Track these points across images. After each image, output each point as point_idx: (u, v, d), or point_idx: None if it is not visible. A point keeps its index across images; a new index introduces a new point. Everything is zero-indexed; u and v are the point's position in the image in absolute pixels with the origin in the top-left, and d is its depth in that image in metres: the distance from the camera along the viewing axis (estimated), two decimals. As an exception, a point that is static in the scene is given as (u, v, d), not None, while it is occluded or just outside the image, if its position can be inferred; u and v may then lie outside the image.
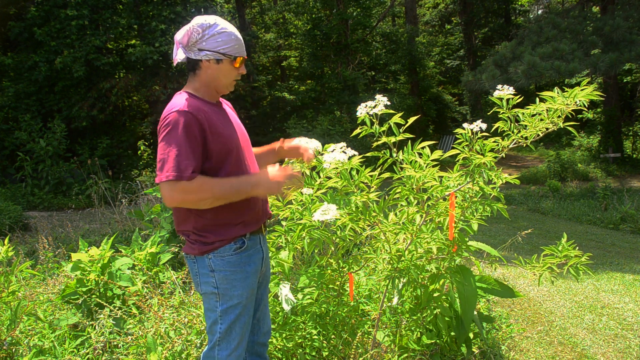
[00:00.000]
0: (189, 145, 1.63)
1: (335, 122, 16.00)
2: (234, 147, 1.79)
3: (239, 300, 1.81)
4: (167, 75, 13.86)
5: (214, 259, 1.79)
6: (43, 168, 11.93)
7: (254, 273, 1.87)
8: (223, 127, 1.78)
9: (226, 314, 1.81)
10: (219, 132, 1.74)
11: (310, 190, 2.37)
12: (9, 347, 2.60)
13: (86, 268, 2.89)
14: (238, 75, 1.84)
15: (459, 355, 2.71)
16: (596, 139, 15.21)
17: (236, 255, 1.80)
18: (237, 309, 1.82)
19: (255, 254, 1.88)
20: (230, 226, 1.79)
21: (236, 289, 1.81)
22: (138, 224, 5.75)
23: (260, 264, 1.90)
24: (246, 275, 1.83)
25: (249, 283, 1.84)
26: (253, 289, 1.87)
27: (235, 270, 1.80)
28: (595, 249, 6.18)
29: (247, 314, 1.86)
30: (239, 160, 1.82)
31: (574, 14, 11.19)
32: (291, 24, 21.63)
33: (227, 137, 1.78)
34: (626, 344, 3.24)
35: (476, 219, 2.40)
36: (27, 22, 13.08)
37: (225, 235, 1.78)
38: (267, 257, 2.02)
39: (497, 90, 2.24)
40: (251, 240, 1.86)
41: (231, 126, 1.85)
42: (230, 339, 1.82)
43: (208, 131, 1.69)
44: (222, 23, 1.77)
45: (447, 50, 25.45)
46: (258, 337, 2.05)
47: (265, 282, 2.05)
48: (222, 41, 1.74)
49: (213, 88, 1.83)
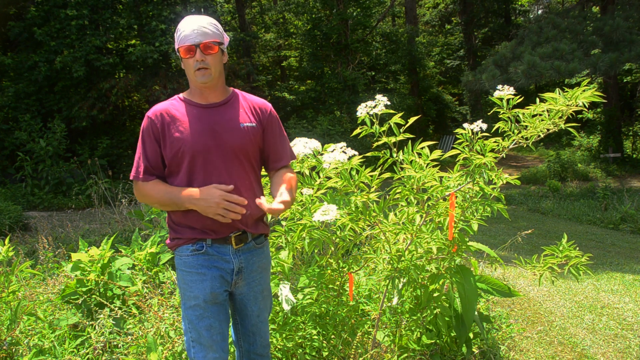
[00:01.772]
0: (145, 148, 1.79)
1: (335, 122, 16.00)
2: (187, 154, 1.73)
3: (196, 302, 1.77)
4: (167, 75, 13.85)
5: (176, 257, 1.84)
6: (43, 168, 11.93)
7: (215, 278, 1.78)
8: (184, 132, 1.74)
9: (188, 314, 1.80)
10: (173, 137, 1.75)
11: (310, 191, 2.37)
12: (9, 347, 2.60)
13: (86, 268, 2.89)
14: (196, 64, 1.74)
15: (459, 355, 2.71)
16: (596, 139, 15.20)
17: (193, 257, 1.78)
18: (196, 310, 1.77)
19: (219, 262, 1.79)
20: (190, 228, 1.79)
21: (192, 290, 1.77)
22: (138, 224, 5.75)
23: (228, 275, 1.81)
24: (203, 279, 1.76)
25: (207, 286, 1.76)
26: (214, 293, 1.77)
27: (190, 272, 1.78)
28: (595, 249, 6.17)
29: (213, 318, 1.77)
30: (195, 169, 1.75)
31: (574, 14, 11.19)
32: (291, 24, 21.62)
33: (183, 143, 1.73)
34: (626, 344, 3.24)
35: (476, 219, 2.40)
36: (27, 22, 13.07)
37: (182, 235, 1.80)
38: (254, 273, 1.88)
39: (498, 90, 2.24)
40: (213, 248, 1.78)
41: (203, 131, 1.75)
42: (200, 340, 1.77)
43: (162, 136, 1.77)
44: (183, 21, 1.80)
45: (447, 50, 25.44)
46: (255, 349, 1.99)
47: (252, 299, 1.91)
48: (177, 38, 1.79)
49: (192, 86, 1.84)
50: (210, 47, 1.75)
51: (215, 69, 1.77)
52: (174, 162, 1.78)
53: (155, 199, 1.78)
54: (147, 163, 1.78)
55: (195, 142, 1.74)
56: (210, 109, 1.81)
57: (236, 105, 1.86)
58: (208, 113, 1.80)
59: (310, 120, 16.67)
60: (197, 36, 1.74)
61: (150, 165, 1.78)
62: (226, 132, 1.79)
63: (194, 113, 1.79)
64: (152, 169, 1.79)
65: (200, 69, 1.75)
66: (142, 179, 1.78)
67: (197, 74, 1.76)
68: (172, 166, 1.79)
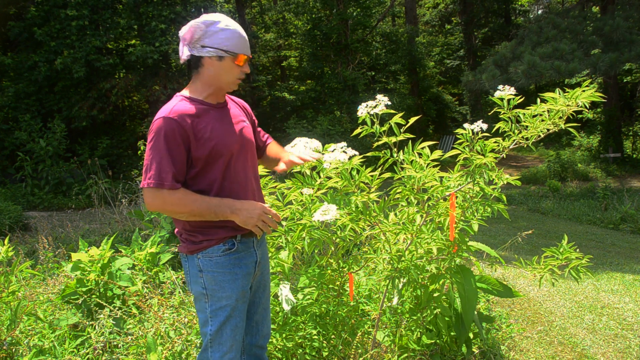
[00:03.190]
0: (170, 153, 1.65)
1: (335, 122, 16.00)
2: (224, 153, 1.74)
3: (227, 302, 1.78)
4: (167, 75, 13.85)
5: (203, 259, 1.78)
6: (43, 168, 11.93)
7: (245, 276, 1.82)
8: (214, 131, 1.73)
9: (215, 315, 1.78)
10: (205, 138, 1.70)
11: (310, 190, 2.37)
12: (9, 347, 2.60)
13: (86, 268, 2.89)
14: (241, 74, 1.79)
15: (459, 355, 2.71)
16: (596, 139, 15.20)
17: (225, 257, 1.77)
18: (226, 310, 1.78)
19: (247, 257, 1.83)
20: (218, 227, 1.77)
21: (224, 290, 1.77)
22: (138, 224, 5.75)
23: (252, 268, 1.86)
24: (235, 277, 1.79)
25: (238, 285, 1.79)
26: (244, 291, 1.82)
27: (223, 272, 1.77)
28: (595, 249, 6.17)
29: (238, 317, 1.81)
30: (228, 168, 1.77)
31: (574, 14, 11.19)
32: (291, 24, 21.62)
33: (216, 143, 1.72)
34: (626, 344, 3.24)
35: (476, 220, 2.40)
36: (27, 22, 13.07)
37: (214, 235, 1.76)
38: (265, 261, 1.97)
39: (498, 90, 2.24)
40: (242, 243, 1.82)
41: (228, 130, 1.79)
42: (221, 340, 1.78)
43: (192, 137, 1.68)
44: (225, 20, 1.74)
45: (447, 50, 25.44)
46: (257, 340, 2.02)
47: (262, 287, 2.00)
48: (224, 38, 1.71)
49: (215, 87, 1.78)
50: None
51: None
52: (208, 162, 1.73)
53: (188, 209, 1.68)
54: (174, 169, 1.65)
55: (229, 141, 1.76)
56: (220, 109, 1.83)
57: (232, 106, 1.92)
58: (223, 113, 1.83)
59: (310, 120, 16.68)
60: (249, 48, 1.79)
61: (177, 170, 1.67)
62: (243, 130, 1.86)
63: (212, 113, 1.77)
64: (178, 174, 1.67)
65: (240, 79, 1.81)
66: (168, 186, 1.64)
67: (237, 82, 1.81)
68: (204, 167, 1.73)
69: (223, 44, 1.71)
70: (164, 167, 1.64)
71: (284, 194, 2.48)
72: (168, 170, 1.64)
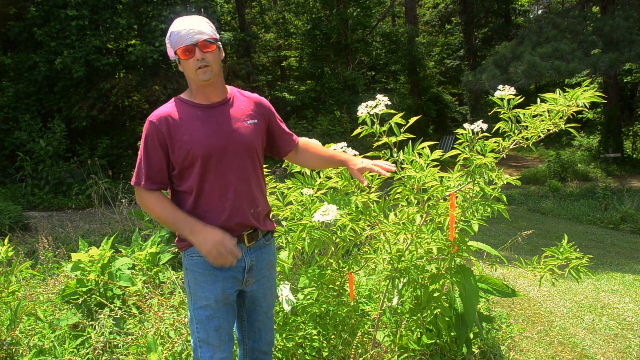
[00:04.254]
0: (147, 155, 1.75)
1: (335, 122, 16.00)
2: (199, 155, 1.72)
3: (207, 302, 1.78)
4: (167, 75, 13.85)
5: (186, 258, 1.82)
6: (43, 168, 11.93)
7: (227, 279, 1.79)
8: (193, 134, 1.72)
9: (197, 314, 1.80)
10: (183, 140, 1.71)
11: (310, 191, 2.37)
12: (9, 347, 2.60)
13: (86, 268, 2.89)
14: (195, 62, 1.73)
15: (459, 355, 2.71)
16: (596, 139, 15.20)
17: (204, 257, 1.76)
18: (207, 311, 1.78)
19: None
20: None
21: (203, 290, 1.78)
22: (138, 224, 5.74)
23: (239, 273, 1.82)
24: (214, 279, 1.77)
25: (218, 287, 1.78)
26: (225, 294, 1.79)
27: (202, 272, 1.78)
28: (595, 249, 6.17)
29: (221, 318, 1.80)
30: (207, 171, 1.75)
31: (574, 14, 11.19)
32: (291, 24, 21.62)
33: (192, 146, 1.72)
34: (626, 344, 3.24)
35: (476, 220, 2.40)
36: (27, 22, 13.07)
37: None
38: (263, 269, 1.91)
39: (499, 90, 2.24)
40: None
41: (214, 131, 1.76)
42: (209, 340, 1.79)
43: (169, 141, 1.73)
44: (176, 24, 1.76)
45: (447, 50, 25.44)
46: (259, 346, 2.00)
47: (262, 295, 1.95)
48: (175, 42, 1.75)
49: (194, 86, 1.80)
50: (208, 45, 1.74)
51: (215, 66, 1.76)
52: (185, 166, 1.75)
53: (157, 214, 1.74)
54: (149, 170, 1.74)
55: (207, 143, 1.73)
56: (214, 109, 1.80)
57: (237, 104, 1.86)
58: (213, 113, 1.79)
59: (310, 120, 16.68)
60: (194, 35, 1.72)
61: (152, 172, 1.74)
62: (234, 131, 1.79)
63: (198, 114, 1.77)
64: (154, 176, 1.75)
65: (201, 67, 1.74)
66: (143, 186, 1.74)
67: (198, 72, 1.73)
68: (182, 170, 1.76)
69: (174, 48, 1.77)
70: (142, 168, 1.75)
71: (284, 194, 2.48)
72: (144, 172, 1.75)
